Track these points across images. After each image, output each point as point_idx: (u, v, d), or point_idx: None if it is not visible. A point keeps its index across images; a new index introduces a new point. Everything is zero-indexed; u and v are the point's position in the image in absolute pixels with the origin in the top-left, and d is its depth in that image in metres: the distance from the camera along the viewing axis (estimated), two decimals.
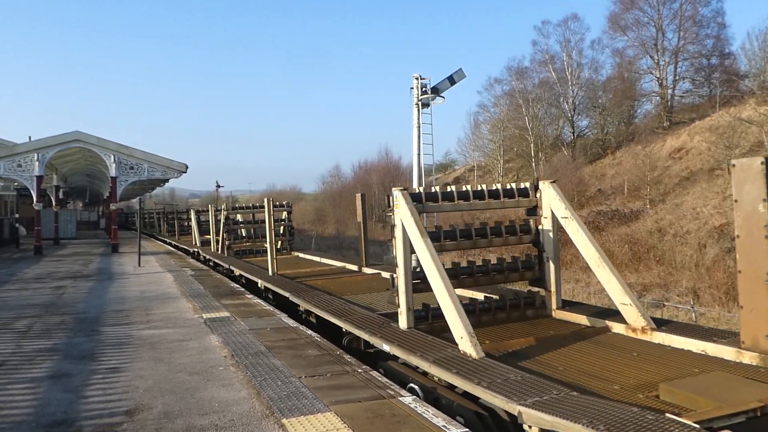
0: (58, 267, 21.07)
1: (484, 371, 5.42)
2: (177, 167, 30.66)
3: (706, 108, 48.38)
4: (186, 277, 16.69)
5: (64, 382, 6.54)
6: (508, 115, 62.59)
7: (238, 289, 13.93)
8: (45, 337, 9.03)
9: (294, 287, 11.53)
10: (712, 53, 53.01)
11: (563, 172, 47.25)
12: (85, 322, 10.16)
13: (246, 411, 5.43)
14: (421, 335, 6.83)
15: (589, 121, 60.36)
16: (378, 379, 6.25)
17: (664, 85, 53.59)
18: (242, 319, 9.90)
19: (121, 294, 13.70)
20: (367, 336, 7.22)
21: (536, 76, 62.47)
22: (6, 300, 12.96)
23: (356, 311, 8.60)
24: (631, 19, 55.75)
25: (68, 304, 12.35)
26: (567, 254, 22.71)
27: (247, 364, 7.01)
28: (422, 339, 6.67)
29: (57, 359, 7.60)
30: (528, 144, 57.71)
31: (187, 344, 8.27)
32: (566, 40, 60.52)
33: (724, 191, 32.66)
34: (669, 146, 45.96)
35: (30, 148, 27.89)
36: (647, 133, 50.04)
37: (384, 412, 5.19)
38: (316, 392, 5.82)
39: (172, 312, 11.02)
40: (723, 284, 20.86)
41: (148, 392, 6.07)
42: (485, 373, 5.35)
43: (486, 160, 67.05)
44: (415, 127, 23.16)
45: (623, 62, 56.92)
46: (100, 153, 28.96)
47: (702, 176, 38.09)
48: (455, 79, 23.80)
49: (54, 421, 5.28)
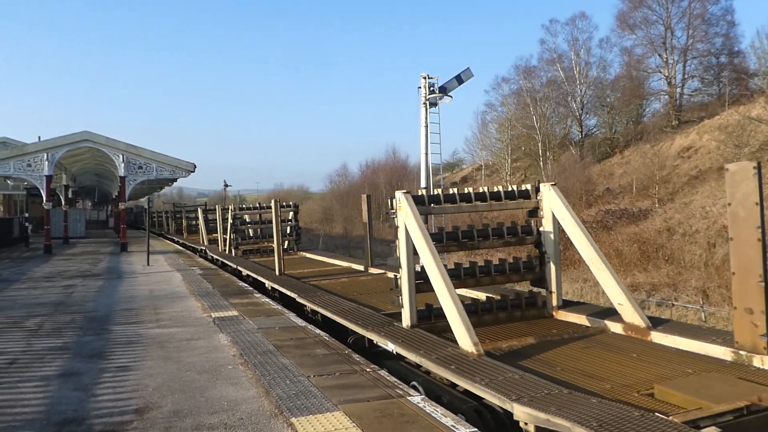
0: (68, 266, 21.21)
1: (483, 370, 5.51)
2: (185, 167, 30.79)
3: (715, 106, 48.12)
4: (194, 276, 16.76)
5: (75, 380, 6.60)
6: (516, 114, 62.43)
7: (247, 289, 13.99)
8: (55, 335, 9.11)
9: (300, 287, 11.61)
10: (721, 51, 52.73)
11: (571, 171, 47.14)
12: (95, 321, 10.23)
13: (255, 410, 5.46)
14: (424, 334, 6.93)
15: (597, 120, 60.20)
16: (386, 378, 6.27)
17: (672, 84, 53.34)
18: (251, 318, 9.95)
19: (130, 293, 13.79)
20: (372, 335, 7.34)
21: (544, 75, 62.36)
22: (16, 299, 13.06)
23: (361, 311, 8.70)
24: (640, 18, 55.56)
25: (78, 302, 12.44)
26: (575, 253, 22.54)
27: (256, 363, 7.05)
28: (425, 338, 6.77)
29: (67, 358, 7.67)
30: (536, 143, 57.56)
31: (196, 343, 8.32)
32: (574, 39, 60.36)
33: None
34: (678, 145, 45.74)
35: (39, 148, 28.09)
36: (656, 131, 49.80)
37: (393, 412, 5.22)
38: (324, 391, 5.85)
39: (180, 311, 11.08)
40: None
41: (157, 391, 6.12)
42: (484, 372, 5.44)
43: (493, 159, 66.95)
44: (422, 126, 23.18)
45: (631, 61, 56.70)
46: (108, 153, 29.12)
47: (711, 175, 37.89)
48: (463, 78, 23.81)
49: (65, 419, 5.34)
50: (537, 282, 8.39)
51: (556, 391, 4.82)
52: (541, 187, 8.32)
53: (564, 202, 7.93)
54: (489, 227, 8.27)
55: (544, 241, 8.27)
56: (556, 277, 8.24)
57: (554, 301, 8.28)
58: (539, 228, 8.34)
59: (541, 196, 8.27)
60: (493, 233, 8.23)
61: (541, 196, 8.28)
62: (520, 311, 8.16)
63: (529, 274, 8.35)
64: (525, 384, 5.01)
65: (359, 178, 77.95)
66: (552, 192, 8.09)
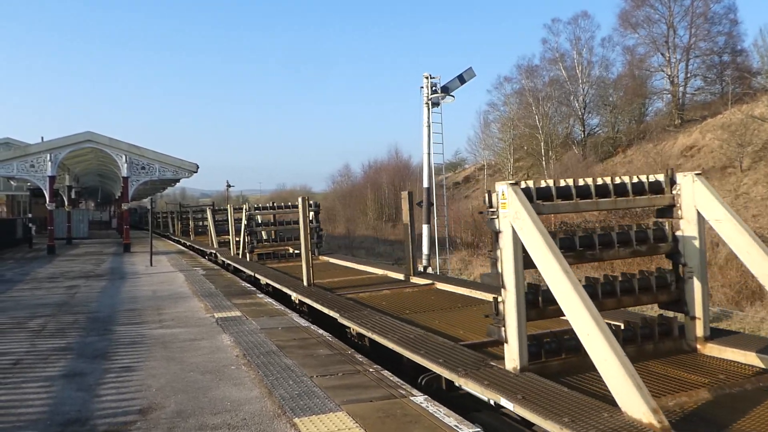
0: (71, 266, 21.25)
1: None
2: (188, 167, 30.84)
3: (718, 105, 47.97)
4: (197, 277, 16.78)
5: (78, 381, 6.62)
6: (518, 113, 62.34)
7: (249, 289, 13.99)
8: (58, 336, 9.13)
9: (338, 303, 9.66)
10: (724, 50, 52.52)
11: (574, 170, 47.04)
12: (98, 322, 10.25)
13: (258, 410, 5.46)
14: (549, 385, 5.05)
15: (599, 119, 59.99)
16: (389, 378, 6.26)
17: (675, 83, 53.19)
18: (254, 319, 9.95)
19: (133, 293, 13.81)
20: (469, 383, 5.32)
21: (546, 75, 62.18)
22: (20, 299, 13.09)
23: (431, 340, 6.85)
24: (642, 17, 55.37)
25: (81, 303, 12.46)
26: None
27: (259, 363, 7.05)
28: (553, 391, 4.85)
29: (71, 358, 7.68)
30: (538, 143, 57.46)
31: (199, 343, 8.33)
32: (576, 38, 60.17)
33: (737, 189, 32.43)
34: (680, 144, 45.63)
35: (42, 149, 28.17)
36: (658, 131, 49.68)
37: (396, 412, 5.21)
38: (327, 392, 5.84)
39: (183, 311, 11.09)
40: (736, 283, 20.69)
41: (160, 391, 6.13)
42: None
43: (496, 158, 66.83)
44: (425, 126, 23.16)
45: (634, 60, 56.53)
46: (111, 153, 29.18)
47: (714, 174, 37.78)
48: (465, 77, 23.78)
49: (68, 420, 5.35)
50: (672, 304, 6.49)
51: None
52: (678, 178, 6.46)
53: (717, 197, 6.12)
54: (614, 232, 6.41)
55: (684, 250, 6.39)
56: (702, 299, 6.31)
57: (699, 330, 6.31)
58: (675, 232, 6.53)
59: (679, 189, 6.41)
60: (618, 240, 6.32)
61: (678, 189, 6.41)
62: (653, 343, 6.26)
63: (662, 294, 6.40)
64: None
65: (362, 178, 77.91)
66: (698, 183, 6.26)
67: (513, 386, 5.02)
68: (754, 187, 31.79)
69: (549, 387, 4.96)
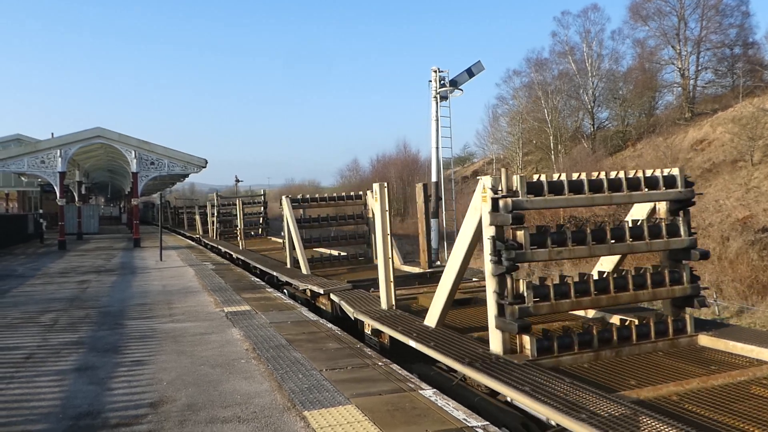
0: (82, 261, 21.40)
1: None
2: (197, 162, 30.91)
3: (729, 98, 47.57)
4: (207, 272, 16.86)
5: (90, 374, 6.67)
6: (527, 107, 62.05)
7: (258, 283, 14.05)
8: (70, 330, 9.20)
9: None
10: (736, 43, 52.05)
11: (583, 164, 46.79)
12: (109, 316, 10.32)
13: (268, 403, 5.49)
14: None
15: (609, 113, 59.66)
16: (398, 372, 6.29)
17: (686, 76, 52.77)
18: (263, 313, 10.00)
19: (144, 288, 13.89)
20: None
21: (556, 68, 61.84)
22: (32, 294, 13.20)
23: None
24: (653, 9, 54.93)
25: (92, 298, 12.55)
26: None
27: (269, 357, 7.08)
28: None
29: (82, 352, 7.74)
30: (547, 136, 57.21)
31: (209, 337, 8.37)
32: (586, 31, 59.78)
33: (748, 183, 32.17)
34: (691, 138, 45.30)
35: (53, 145, 28.32)
36: (669, 124, 49.35)
37: (404, 405, 5.23)
38: (336, 385, 5.87)
39: (194, 305, 11.15)
40: (747, 277, 20.55)
41: (171, 385, 6.17)
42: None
43: (505, 152, 66.59)
44: (433, 120, 23.10)
45: (644, 53, 56.14)
46: (121, 149, 29.29)
47: (725, 168, 37.50)
48: (474, 71, 23.67)
49: (80, 413, 5.40)
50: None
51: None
52: None
53: None
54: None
55: None
56: None
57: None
58: None
59: None
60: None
61: None
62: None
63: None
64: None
65: (370, 172, 77.84)
66: None
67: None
68: (765, 180, 31.53)
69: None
